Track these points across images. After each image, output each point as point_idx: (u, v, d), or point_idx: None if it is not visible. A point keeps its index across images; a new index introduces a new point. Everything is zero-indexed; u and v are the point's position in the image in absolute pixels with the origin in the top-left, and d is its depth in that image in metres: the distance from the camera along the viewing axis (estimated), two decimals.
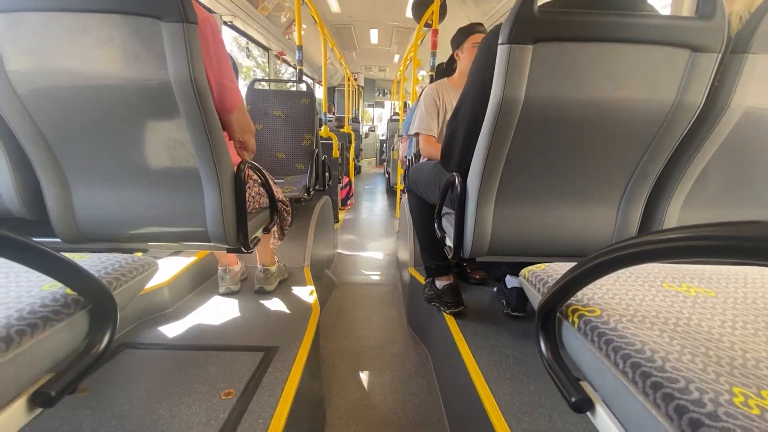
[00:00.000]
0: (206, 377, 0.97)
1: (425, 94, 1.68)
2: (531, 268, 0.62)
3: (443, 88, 1.69)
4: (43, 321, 0.45)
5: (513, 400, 0.92)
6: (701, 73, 0.74)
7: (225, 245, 0.97)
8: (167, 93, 0.78)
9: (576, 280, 0.43)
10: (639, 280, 0.56)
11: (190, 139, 0.83)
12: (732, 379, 0.35)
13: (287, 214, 1.40)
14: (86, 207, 0.92)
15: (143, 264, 0.66)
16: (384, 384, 1.40)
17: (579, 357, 0.47)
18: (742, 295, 0.53)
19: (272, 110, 2.25)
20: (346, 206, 4.57)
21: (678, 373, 0.35)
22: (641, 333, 0.42)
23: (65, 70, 0.77)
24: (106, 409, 0.85)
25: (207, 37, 0.90)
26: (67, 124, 0.83)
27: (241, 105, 1.05)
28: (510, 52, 0.72)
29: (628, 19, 0.71)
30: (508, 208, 0.92)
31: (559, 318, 0.50)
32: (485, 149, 0.83)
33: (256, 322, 1.29)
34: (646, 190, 0.90)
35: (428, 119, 1.64)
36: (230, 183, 0.93)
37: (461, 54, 1.67)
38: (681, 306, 0.49)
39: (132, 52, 0.75)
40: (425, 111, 1.65)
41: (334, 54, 5.85)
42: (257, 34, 4.16)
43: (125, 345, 1.11)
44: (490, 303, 1.45)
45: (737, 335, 0.43)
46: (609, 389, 0.41)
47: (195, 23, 0.74)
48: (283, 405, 0.88)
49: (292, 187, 1.92)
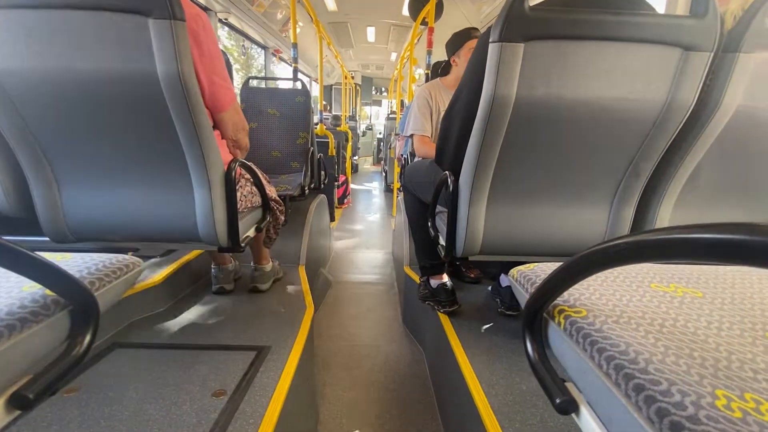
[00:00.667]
0: (198, 377, 0.97)
1: (418, 95, 1.70)
2: (520, 267, 0.62)
3: (436, 89, 1.70)
4: (21, 322, 0.44)
5: (505, 399, 0.92)
6: (693, 72, 0.73)
7: (216, 245, 0.97)
8: (155, 90, 0.77)
9: (562, 281, 0.43)
10: (627, 280, 0.56)
11: (179, 136, 0.83)
12: (715, 381, 0.35)
13: (280, 213, 1.39)
14: (75, 206, 0.91)
15: (127, 264, 0.65)
16: (378, 383, 1.40)
17: (564, 358, 0.47)
18: (729, 296, 0.53)
19: (267, 108, 2.23)
20: (343, 205, 4.56)
21: (661, 375, 0.35)
22: (626, 334, 0.41)
23: (53, 67, 0.76)
24: (96, 409, 0.85)
25: (198, 34, 0.89)
26: (55, 122, 0.82)
27: (235, 103, 1.04)
28: (501, 50, 0.72)
29: (620, 17, 0.71)
30: (500, 207, 0.92)
31: (545, 318, 0.50)
32: (477, 147, 0.83)
33: (250, 321, 1.28)
34: (638, 190, 0.90)
35: (422, 120, 1.66)
36: (220, 181, 0.92)
37: (458, 60, 1.67)
38: (668, 307, 0.49)
39: (120, 50, 0.74)
40: (418, 112, 1.67)
41: (330, 52, 5.83)
42: (253, 32, 4.13)
43: (117, 344, 1.10)
44: (484, 302, 1.45)
45: (723, 336, 0.43)
46: (593, 391, 0.41)
47: (183, 20, 0.73)
48: (275, 405, 0.88)
49: (287, 185, 1.91)
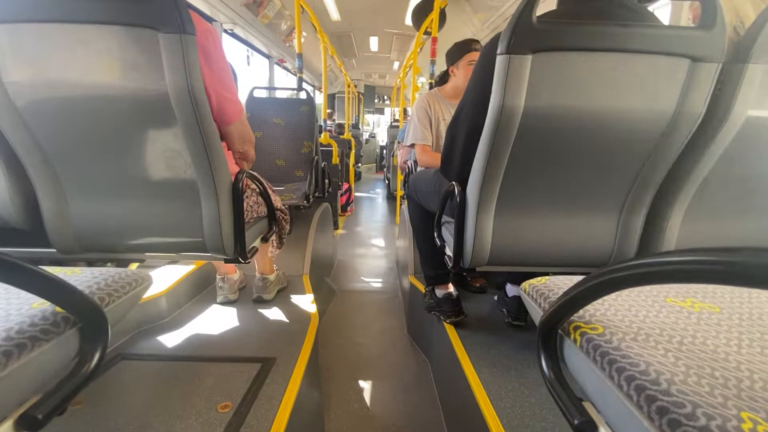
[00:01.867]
0: (203, 389, 0.96)
1: (417, 106, 1.71)
2: (531, 281, 0.61)
3: (434, 99, 1.71)
4: (31, 341, 0.44)
5: (514, 413, 0.90)
6: (701, 83, 0.73)
7: (222, 256, 0.97)
8: (164, 104, 0.77)
9: (578, 298, 0.42)
10: (642, 294, 0.55)
11: (188, 149, 0.83)
12: (740, 403, 0.34)
13: (285, 223, 1.39)
14: (82, 217, 0.91)
15: (137, 278, 0.65)
16: (384, 394, 1.38)
17: (581, 376, 0.46)
18: (747, 311, 0.52)
19: (272, 118, 2.25)
20: (346, 213, 4.56)
21: (684, 397, 0.34)
22: (645, 352, 0.40)
23: (63, 81, 0.76)
24: (100, 422, 0.84)
25: (208, 50, 0.89)
26: (64, 135, 0.82)
27: (242, 115, 1.05)
28: (509, 62, 0.72)
29: (628, 29, 0.71)
30: (508, 218, 0.91)
31: (560, 335, 0.49)
32: (485, 158, 0.82)
33: (254, 332, 1.27)
34: (648, 201, 0.89)
35: (422, 129, 1.68)
36: (228, 193, 0.92)
37: (456, 71, 1.68)
38: (686, 323, 0.48)
39: (130, 63, 0.75)
40: (418, 122, 1.69)
41: (334, 61, 5.88)
42: (258, 42, 4.18)
43: (121, 356, 1.10)
44: (490, 312, 1.43)
45: (743, 354, 0.42)
46: (613, 412, 0.40)
47: (193, 34, 0.74)
48: (281, 418, 0.87)
49: (291, 194, 1.91)
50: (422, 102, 1.70)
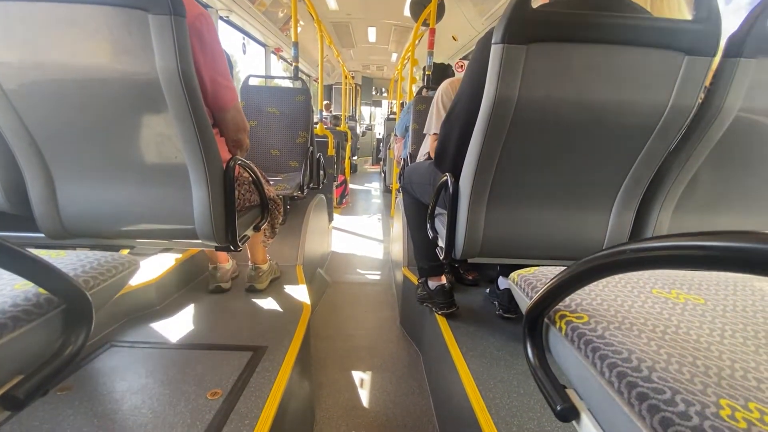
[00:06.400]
0: (193, 377, 0.96)
1: (443, 92, 1.54)
2: (520, 271, 0.61)
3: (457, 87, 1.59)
4: (13, 321, 0.43)
5: (502, 402, 0.91)
6: (695, 77, 0.73)
7: (213, 243, 0.96)
8: (155, 87, 0.76)
9: (563, 286, 0.42)
10: (628, 285, 0.55)
11: (178, 134, 0.82)
12: (719, 391, 0.34)
13: (278, 213, 1.39)
14: (71, 202, 0.90)
15: (123, 262, 0.64)
16: (375, 384, 1.39)
17: (566, 364, 0.46)
18: (731, 303, 0.52)
19: (267, 107, 2.22)
20: (342, 205, 4.55)
21: (664, 384, 0.34)
22: (628, 341, 0.41)
23: (52, 62, 0.75)
24: (89, 408, 0.84)
25: (201, 33, 0.88)
26: (52, 118, 0.81)
27: (236, 103, 1.04)
28: (504, 52, 0.71)
29: (623, 20, 0.70)
30: (500, 210, 0.91)
31: (546, 324, 0.50)
32: (478, 149, 0.82)
33: (246, 321, 1.27)
34: (639, 194, 0.90)
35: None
36: (219, 180, 0.91)
37: None
38: (670, 313, 0.48)
39: (119, 45, 0.74)
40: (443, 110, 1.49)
41: (331, 51, 5.82)
42: (254, 30, 4.12)
43: (111, 343, 1.09)
44: (482, 304, 1.44)
45: (726, 344, 0.42)
46: (595, 398, 0.41)
47: (183, 16, 0.72)
48: (271, 405, 0.87)
49: (285, 184, 1.90)
50: (447, 89, 1.54)
